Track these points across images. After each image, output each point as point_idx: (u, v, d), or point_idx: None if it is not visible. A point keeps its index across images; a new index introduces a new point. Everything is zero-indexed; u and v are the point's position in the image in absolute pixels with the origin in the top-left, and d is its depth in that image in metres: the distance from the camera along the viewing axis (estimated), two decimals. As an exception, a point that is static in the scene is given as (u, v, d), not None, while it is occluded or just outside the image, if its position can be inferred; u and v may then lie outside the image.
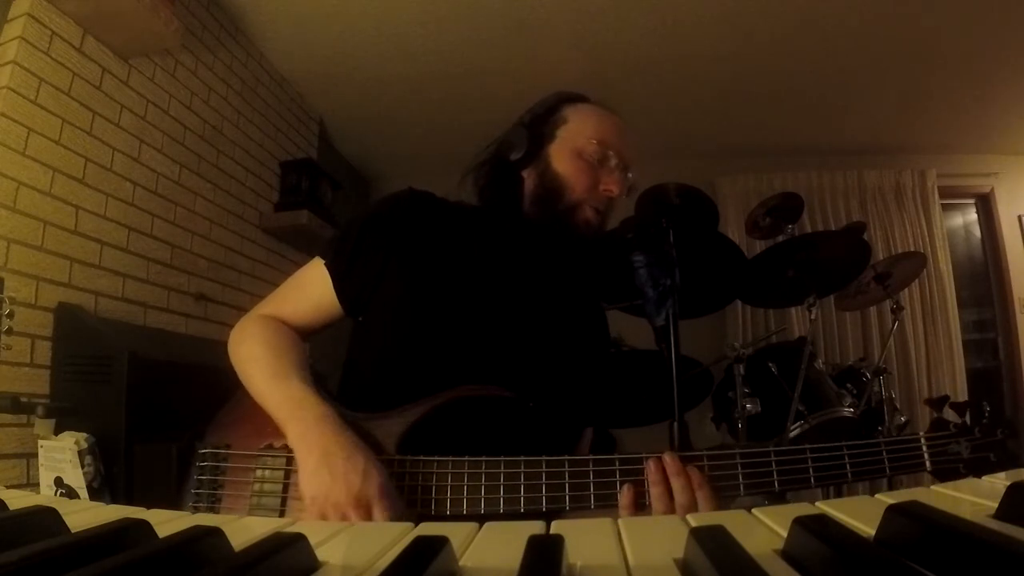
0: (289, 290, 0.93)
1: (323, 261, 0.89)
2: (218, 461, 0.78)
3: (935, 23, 2.54)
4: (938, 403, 0.77)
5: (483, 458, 0.69)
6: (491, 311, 0.87)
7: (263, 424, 0.78)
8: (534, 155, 0.93)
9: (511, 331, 0.87)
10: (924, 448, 0.70)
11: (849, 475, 0.67)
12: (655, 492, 0.65)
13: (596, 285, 1.08)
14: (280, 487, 0.74)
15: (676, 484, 0.64)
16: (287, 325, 0.89)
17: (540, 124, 0.95)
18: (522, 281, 0.91)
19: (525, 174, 0.94)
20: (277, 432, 0.76)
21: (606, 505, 0.66)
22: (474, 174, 0.99)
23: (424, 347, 0.83)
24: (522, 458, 0.68)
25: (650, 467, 0.66)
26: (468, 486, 0.68)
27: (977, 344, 3.66)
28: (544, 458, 0.68)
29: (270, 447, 0.76)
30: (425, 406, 0.75)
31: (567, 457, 0.67)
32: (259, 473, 0.75)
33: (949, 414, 0.74)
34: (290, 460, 0.74)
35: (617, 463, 0.67)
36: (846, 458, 0.68)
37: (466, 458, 0.69)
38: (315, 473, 0.67)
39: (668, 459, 0.66)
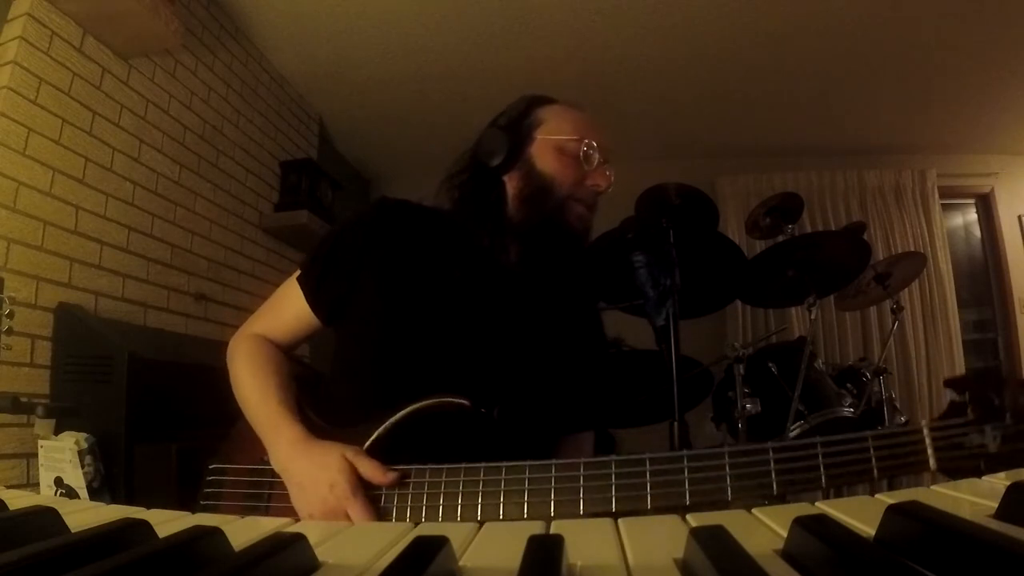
0: (271, 306, 0.96)
1: (297, 277, 0.93)
2: (222, 475, 0.83)
3: (935, 23, 2.54)
4: (959, 384, 0.59)
5: (461, 465, 0.68)
6: (465, 319, 0.86)
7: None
8: (515, 158, 0.92)
9: (485, 341, 0.86)
10: (928, 442, 0.55)
11: (823, 479, 0.54)
12: None
13: (588, 287, 1.07)
14: (266, 497, 0.77)
15: None
16: (272, 342, 0.93)
17: (517, 127, 0.94)
18: (504, 287, 0.90)
19: (506, 179, 0.93)
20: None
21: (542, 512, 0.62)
22: (450, 184, 0.98)
23: (393, 357, 0.84)
24: (504, 464, 0.66)
25: None
26: (428, 493, 0.68)
27: (977, 344, 3.66)
28: (504, 464, 0.65)
29: (262, 460, 0.79)
30: (387, 420, 0.76)
31: (527, 464, 0.65)
32: (253, 485, 0.79)
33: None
34: (275, 472, 0.78)
35: (553, 469, 0.63)
36: (820, 458, 0.55)
37: (444, 466, 0.68)
38: (296, 496, 0.72)
39: None
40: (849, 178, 3.68)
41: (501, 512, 0.64)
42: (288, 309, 0.93)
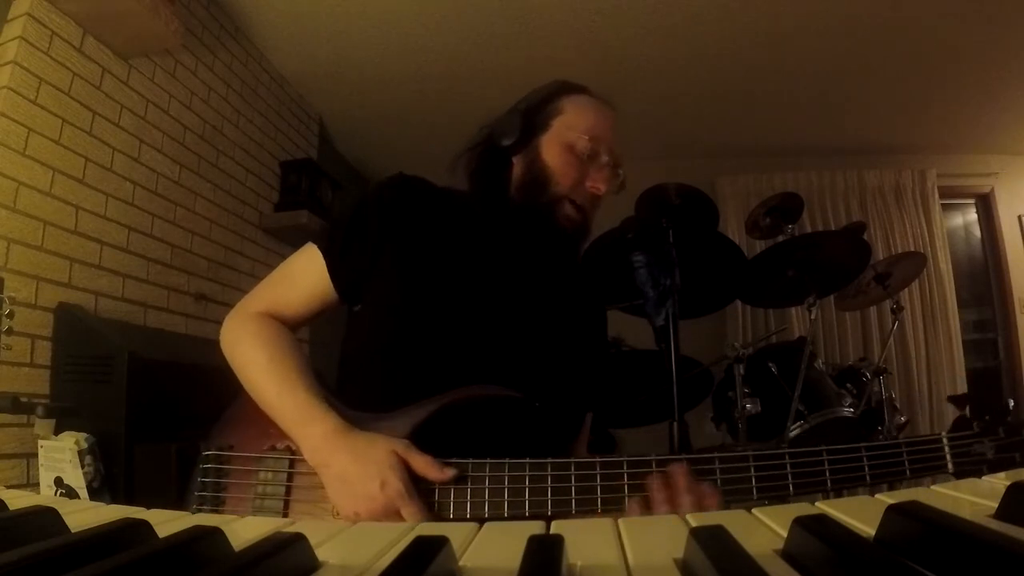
0: (281, 279, 0.91)
1: (316, 247, 0.87)
2: (221, 463, 0.77)
3: (935, 24, 2.54)
4: (960, 401, 0.74)
5: (506, 460, 0.66)
6: (487, 303, 0.85)
7: (267, 425, 0.77)
8: (525, 142, 0.92)
9: (507, 324, 0.85)
10: (946, 449, 0.67)
11: (868, 478, 0.64)
12: (661, 512, 0.61)
13: (583, 278, 1.06)
14: (283, 489, 0.74)
15: (685, 502, 0.60)
16: (280, 318, 0.88)
17: (535, 112, 0.94)
18: (514, 272, 0.90)
19: (515, 160, 0.93)
20: (280, 433, 0.76)
21: (614, 509, 0.64)
22: (466, 157, 0.98)
23: (421, 340, 0.81)
24: (573, 460, 0.66)
25: (655, 483, 0.62)
26: (490, 488, 0.66)
27: (977, 344, 3.67)
28: (573, 460, 0.66)
29: (272, 448, 0.76)
30: (430, 407, 0.73)
31: (598, 459, 0.66)
32: (262, 475, 0.75)
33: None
34: (293, 463, 0.74)
35: (624, 466, 0.64)
36: (864, 460, 0.65)
37: (506, 460, 0.66)
38: (337, 492, 0.68)
39: (678, 475, 0.61)
40: (849, 178, 3.68)
41: (573, 507, 0.63)
42: (301, 282, 0.88)
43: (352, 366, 0.87)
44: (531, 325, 0.87)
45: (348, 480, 0.67)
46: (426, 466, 0.66)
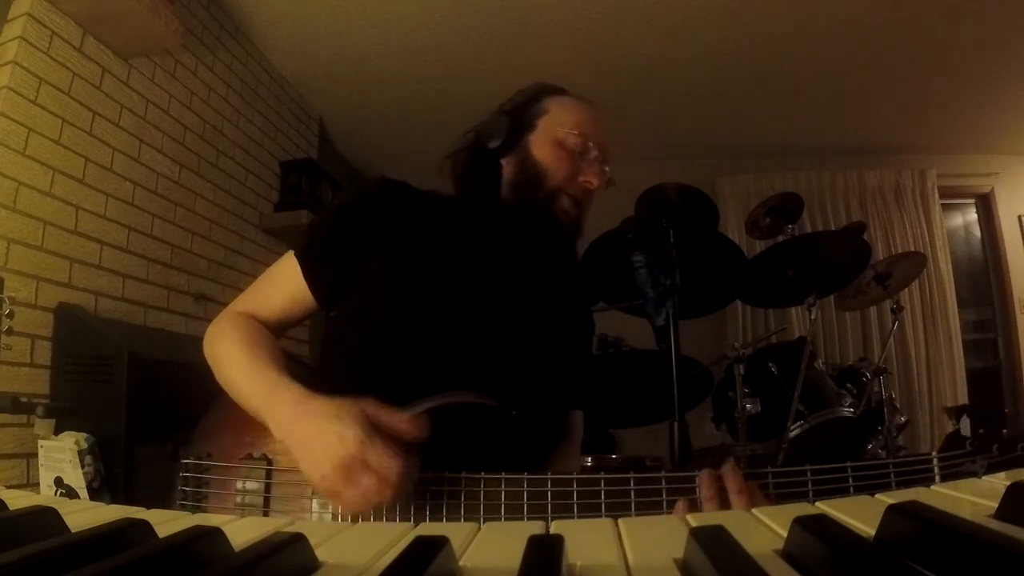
0: (262, 284, 0.92)
1: (294, 252, 0.88)
2: (200, 471, 0.76)
3: (935, 23, 2.54)
4: (957, 412, 0.73)
5: (482, 475, 0.65)
6: (479, 307, 0.85)
7: (243, 431, 0.76)
8: (514, 143, 0.92)
9: (499, 328, 0.84)
10: (936, 469, 0.65)
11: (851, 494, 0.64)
12: (709, 509, 0.60)
13: (577, 276, 1.05)
14: (261, 498, 0.73)
15: (736, 503, 0.59)
16: (261, 321, 0.88)
17: (521, 113, 0.94)
18: (507, 274, 0.89)
19: (504, 162, 0.93)
20: (256, 440, 0.75)
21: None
22: (452, 161, 0.99)
23: (407, 345, 0.81)
24: (550, 476, 0.64)
25: (705, 481, 0.61)
26: (466, 504, 0.65)
27: (977, 344, 3.67)
28: (550, 476, 0.64)
29: (249, 456, 0.75)
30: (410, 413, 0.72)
31: (575, 475, 0.64)
32: (240, 484, 0.74)
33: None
34: (270, 473, 0.73)
35: (602, 483, 0.63)
36: (850, 480, 0.64)
37: (483, 475, 0.65)
38: (303, 459, 0.64)
39: (731, 475, 0.60)
40: (849, 178, 3.68)
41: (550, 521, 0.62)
42: (280, 289, 0.88)
43: (331, 371, 0.87)
44: (523, 329, 0.87)
45: (310, 444, 0.63)
46: (396, 420, 0.63)
